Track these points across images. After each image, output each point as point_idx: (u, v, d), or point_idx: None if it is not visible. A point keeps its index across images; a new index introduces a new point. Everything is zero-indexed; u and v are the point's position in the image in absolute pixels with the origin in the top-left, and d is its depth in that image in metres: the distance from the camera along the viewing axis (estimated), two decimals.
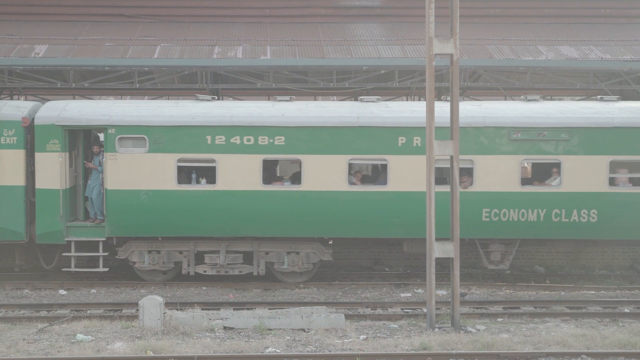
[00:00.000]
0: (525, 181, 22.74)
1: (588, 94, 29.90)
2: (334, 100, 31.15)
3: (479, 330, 17.72)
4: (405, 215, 22.38)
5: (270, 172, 23.14)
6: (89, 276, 24.25)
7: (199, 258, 23.08)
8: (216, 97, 24.55)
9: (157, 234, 22.78)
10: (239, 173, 22.38)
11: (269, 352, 15.64)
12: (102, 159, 22.82)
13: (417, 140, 22.20)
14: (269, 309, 19.24)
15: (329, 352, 15.64)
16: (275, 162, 23.30)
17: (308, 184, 22.43)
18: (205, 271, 22.98)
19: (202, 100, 23.48)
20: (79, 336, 16.77)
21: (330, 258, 23.28)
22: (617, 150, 22.27)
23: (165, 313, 17.55)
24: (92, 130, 23.75)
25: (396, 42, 28.19)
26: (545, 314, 19.75)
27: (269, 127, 22.36)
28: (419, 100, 27.95)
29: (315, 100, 31.64)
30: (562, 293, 22.52)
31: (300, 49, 27.68)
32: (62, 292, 22.58)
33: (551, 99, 31.38)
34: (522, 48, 28.02)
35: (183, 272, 23.02)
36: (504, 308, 20.54)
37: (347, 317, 18.72)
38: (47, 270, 23.67)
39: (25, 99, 29.77)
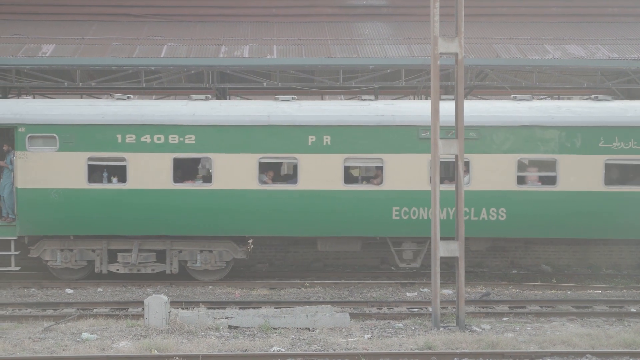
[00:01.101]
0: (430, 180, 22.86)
1: (595, 93, 29.82)
2: (341, 99, 31.16)
3: (484, 329, 17.69)
4: (316, 214, 22.50)
5: (182, 170, 23.09)
6: (95, 275, 24.42)
7: (114, 256, 23.20)
8: (132, 97, 24.42)
9: (69, 233, 22.90)
10: (149, 172, 22.50)
11: (273, 351, 15.63)
12: (13, 157, 22.87)
13: (326, 139, 22.32)
14: (275, 308, 19.24)
15: (333, 351, 15.62)
16: (187, 161, 23.12)
17: (219, 182, 22.55)
18: (117, 270, 23.10)
19: (117, 99, 23.55)
20: (85, 335, 16.80)
21: (244, 256, 23.42)
22: (525, 149, 22.35)
23: (170, 312, 17.56)
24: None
25: (403, 42, 28.19)
26: (551, 313, 19.68)
27: (179, 125, 22.47)
28: (426, 99, 27.93)
29: (322, 99, 31.68)
30: (569, 292, 22.48)
31: (307, 48, 27.71)
32: (69, 291, 22.62)
33: (559, 98, 31.41)
34: (529, 47, 28.00)
35: (96, 270, 23.16)
36: (509, 307, 20.49)
37: (353, 316, 18.70)
38: None
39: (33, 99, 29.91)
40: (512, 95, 23.80)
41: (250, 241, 24.46)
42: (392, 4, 30.90)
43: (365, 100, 23.55)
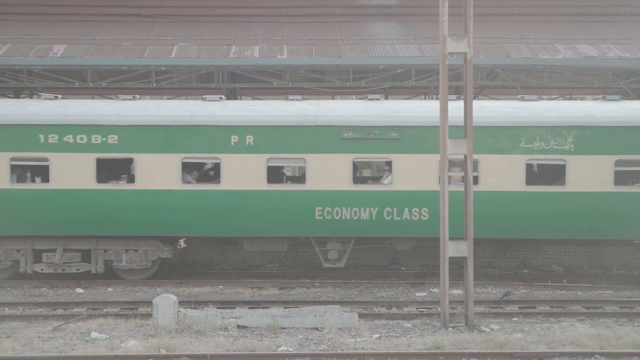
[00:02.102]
0: (358, 180, 23.01)
1: (607, 93, 29.73)
2: (352, 99, 31.16)
3: (492, 329, 17.64)
4: (239, 214, 22.59)
5: (107, 170, 23.11)
6: (106, 275, 24.52)
7: (40, 256, 23.22)
8: (59, 96, 24.28)
9: None
10: (72, 172, 22.50)
11: (281, 350, 15.61)
12: None
13: (249, 139, 22.37)
14: (284, 308, 19.25)
15: (341, 351, 15.59)
16: (111, 161, 23.05)
17: (142, 182, 22.59)
18: (42, 270, 23.10)
19: (44, 99, 23.59)
20: (94, 334, 16.83)
21: (169, 255, 23.47)
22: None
23: (179, 311, 17.59)
24: None
25: (413, 41, 28.19)
26: (561, 313, 19.60)
27: (102, 125, 22.51)
28: (436, 99, 27.90)
29: (333, 99, 31.68)
30: (579, 293, 22.41)
31: (317, 48, 27.72)
32: (79, 290, 22.69)
33: (570, 98, 31.34)
34: (539, 47, 27.94)
35: (20, 270, 23.18)
36: (519, 307, 20.41)
37: (362, 316, 18.68)
38: None
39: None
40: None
41: (182, 240, 24.44)
42: (403, 4, 30.91)
43: (292, 100, 23.59)
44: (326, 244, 23.26)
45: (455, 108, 22.43)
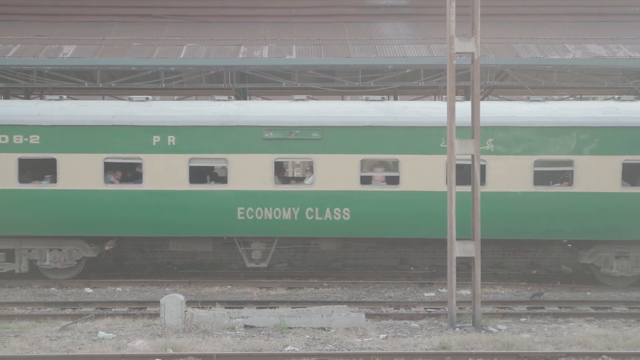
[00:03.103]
0: (281, 180, 23.03)
1: (617, 93, 29.66)
2: (362, 99, 31.12)
3: (500, 330, 17.63)
4: (162, 214, 22.57)
5: (30, 170, 23.09)
6: (115, 275, 24.60)
7: None
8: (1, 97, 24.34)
9: None
10: None
11: (288, 350, 15.64)
12: None
13: (171, 139, 22.39)
14: (292, 308, 19.27)
15: (347, 351, 15.61)
16: (35, 161, 23.01)
17: (64, 182, 22.54)
18: None
19: None
20: (101, 334, 16.90)
21: (94, 255, 23.43)
22: (368, 149, 22.32)
23: (186, 311, 17.63)
24: None
25: (422, 41, 28.16)
26: (569, 314, 19.58)
27: (24, 125, 22.47)
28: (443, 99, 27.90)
29: (343, 99, 31.69)
30: (588, 293, 22.35)
31: (326, 48, 27.73)
32: (88, 290, 22.74)
33: (580, 98, 31.26)
34: (549, 47, 27.86)
35: None
36: (527, 308, 20.40)
37: (369, 316, 18.70)
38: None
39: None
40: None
41: (110, 241, 24.43)
42: (412, 4, 30.87)
43: (218, 100, 23.62)
44: (250, 244, 23.33)
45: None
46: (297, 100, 23.46)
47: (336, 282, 23.59)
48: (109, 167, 22.75)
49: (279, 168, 23.17)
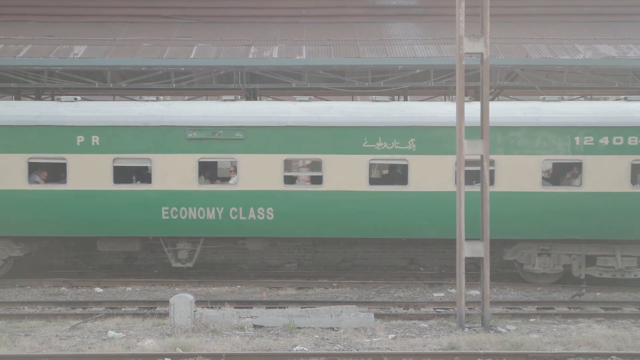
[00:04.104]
0: (205, 180, 23.02)
1: (627, 93, 29.59)
2: (373, 99, 31.12)
3: (509, 330, 17.62)
4: (87, 214, 22.62)
5: None
6: (125, 275, 24.67)
7: None
8: None
9: None
10: None
11: (297, 350, 15.67)
12: None
13: (95, 139, 22.42)
14: (301, 308, 19.29)
15: (356, 351, 15.62)
16: None
17: None
18: None
19: None
20: (111, 333, 16.95)
21: (21, 254, 23.39)
22: (291, 149, 22.43)
23: (195, 311, 17.68)
24: None
25: (432, 42, 28.13)
26: (579, 314, 19.55)
27: None
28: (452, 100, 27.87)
29: (353, 100, 31.71)
30: (598, 294, 22.29)
31: (336, 48, 27.73)
32: (98, 290, 22.82)
33: (591, 98, 31.19)
34: (559, 47, 27.81)
35: None
36: (537, 308, 20.40)
37: (378, 316, 18.72)
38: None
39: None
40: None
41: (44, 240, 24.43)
42: (422, 4, 30.85)
43: (146, 100, 23.69)
44: (176, 243, 23.39)
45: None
46: (225, 100, 23.56)
47: (345, 282, 23.60)
48: (35, 167, 22.81)
49: (204, 168, 23.14)
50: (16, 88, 28.49)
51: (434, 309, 20.31)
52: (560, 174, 22.99)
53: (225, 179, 23.49)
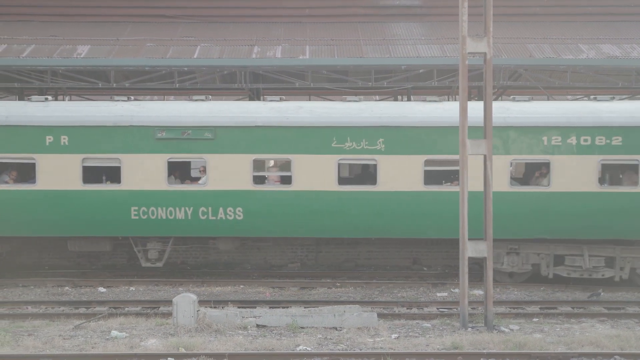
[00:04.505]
0: (175, 180, 23.12)
1: (631, 93, 29.58)
2: (376, 99, 31.13)
3: (512, 330, 17.61)
4: (57, 214, 22.66)
5: None
6: (129, 274, 24.68)
7: None
8: None
9: None
10: None
11: (300, 350, 15.67)
12: None
13: (64, 139, 22.49)
14: (304, 308, 19.28)
15: (359, 351, 15.62)
16: None
17: None
18: None
19: None
20: (114, 333, 16.97)
21: None
22: (261, 149, 22.50)
23: (199, 311, 17.69)
24: None
25: (435, 42, 28.11)
26: (582, 314, 19.55)
27: None
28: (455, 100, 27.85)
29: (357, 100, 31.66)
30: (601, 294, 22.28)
31: (339, 48, 27.71)
32: (102, 289, 22.84)
33: (595, 98, 31.11)
34: (563, 47, 27.77)
35: None
36: (540, 308, 20.39)
37: (381, 316, 18.73)
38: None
39: (70, 99, 30.30)
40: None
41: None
42: (425, 4, 30.81)
43: (116, 100, 23.75)
44: (146, 243, 23.41)
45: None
46: (196, 100, 23.63)
47: (349, 282, 23.61)
48: (4, 167, 22.92)
49: (174, 168, 23.19)
50: (20, 88, 28.49)
51: (437, 308, 20.33)
52: (528, 173, 23.08)
53: (196, 179, 23.51)
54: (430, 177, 22.51)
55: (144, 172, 22.54)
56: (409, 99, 28.81)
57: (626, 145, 22.10)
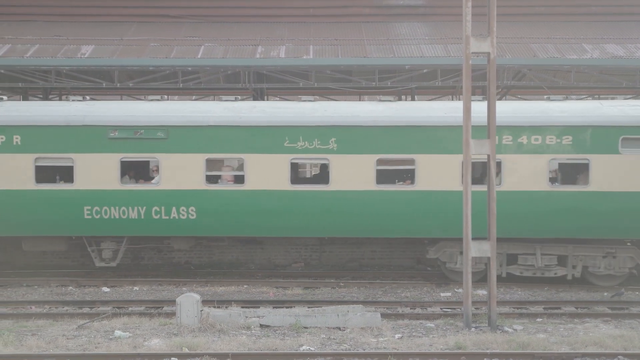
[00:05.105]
0: (129, 179, 23.11)
1: (635, 92, 29.54)
2: (379, 99, 31.09)
3: (515, 330, 17.59)
4: (11, 213, 22.67)
5: None
6: (132, 274, 24.70)
7: None
8: None
9: None
10: None
11: (303, 350, 15.66)
12: None
13: (17, 138, 22.55)
14: (308, 308, 19.28)
15: (362, 351, 15.62)
16: None
17: None
18: None
19: None
20: (117, 332, 16.98)
21: None
22: (213, 148, 22.53)
23: (202, 310, 17.69)
24: None
25: (439, 41, 28.10)
26: (586, 314, 19.52)
27: None
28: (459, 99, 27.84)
29: (360, 100, 31.70)
30: (605, 294, 22.24)
31: (343, 48, 27.71)
32: (105, 289, 22.84)
33: (599, 98, 31.11)
34: (566, 46, 27.75)
35: None
36: (544, 308, 20.36)
37: (385, 316, 18.72)
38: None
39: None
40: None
41: None
42: (429, 4, 30.82)
43: (72, 101, 23.81)
44: (100, 243, 23.45)
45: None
46: (151, 100, 23.68)
47: (352, 282, 23.60)
48: None
49: (128, 167, 23.21)
50: (24, 88, 28.54)
51: (441, 308, 20.29)
52: (480, 173, 23.09)
53: (150, 179, 23.51)
54: (383, 177, 22.56)
55: (96, 172, 22.59)
56: (412, 99, 28.82)
57: (576, 144, 22.14)
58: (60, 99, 30.08)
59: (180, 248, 24.21)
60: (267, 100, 29.34)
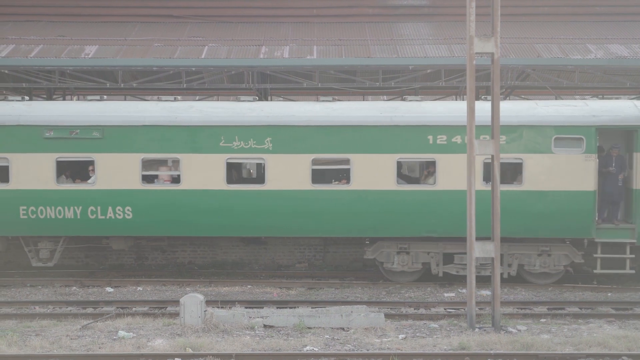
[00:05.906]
0: (66, 179, 23.12)
1: (639, 93, 29.50)
2: (384, 99, 31.10)
3: (519, 330, 17.57)
4: None
5: None
6: (136, 274, 24.73)
7: None
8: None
9: None
10: None
11: (307, 350, 15.67)
12: None
13: None
14: (311, 308, 19.27)
15: (366, 351, 15.63)
16: None
17: None
18: None
19: None
20: (121, 333, 16.98)
21: None
22: (149, 148, 22.64)
23: (206, 311, 17.71)
24: None
25: (443, 41, 28.05)
26: (590, 315, 19.51)
27: None
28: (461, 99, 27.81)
29: (364, 100, 31.68)
30: (609, 294, 22.24)
31: (347, 48, 27.68)
32: (109, 289, 22.87)
33: (603, 98, 31.08)
34: (570, 47, 27.69)
35: None
36: (548, 309, 20.34)
37: (388, 316, 18.72)
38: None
39: (77, 99, 30.27)
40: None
41: None
42: (433, 4, 30.78)
43: (11, 101, 23.88)
44: (37, 243, 23.43)
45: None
46: (90, 100, 23.79)
47: (356, 282, 23.61)
48: None
49: (65, 167, 23.21)
50: (27, 88, 28.53)
51: (445, 309, 20.31)
52: (415, 172, 23.10)
53: (87, 178, 23.45)
54: (318, 176, 22.68)
55: (32, 172, 22.63)
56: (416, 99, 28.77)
57: (510, 144, 22.22)
58: (64, 99, 30.07)
59: (119, 248, 24.20)
60: (271, 100, 29.31)
